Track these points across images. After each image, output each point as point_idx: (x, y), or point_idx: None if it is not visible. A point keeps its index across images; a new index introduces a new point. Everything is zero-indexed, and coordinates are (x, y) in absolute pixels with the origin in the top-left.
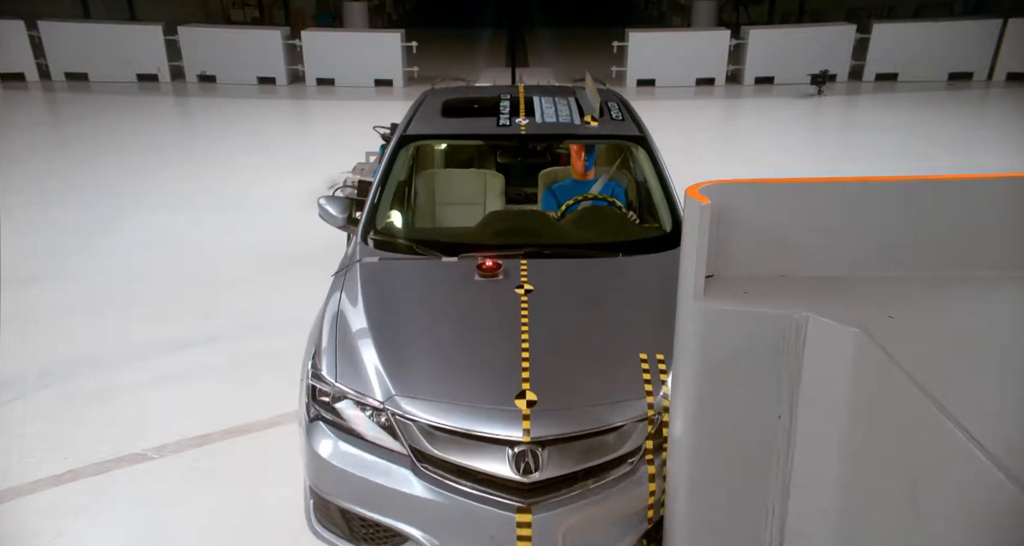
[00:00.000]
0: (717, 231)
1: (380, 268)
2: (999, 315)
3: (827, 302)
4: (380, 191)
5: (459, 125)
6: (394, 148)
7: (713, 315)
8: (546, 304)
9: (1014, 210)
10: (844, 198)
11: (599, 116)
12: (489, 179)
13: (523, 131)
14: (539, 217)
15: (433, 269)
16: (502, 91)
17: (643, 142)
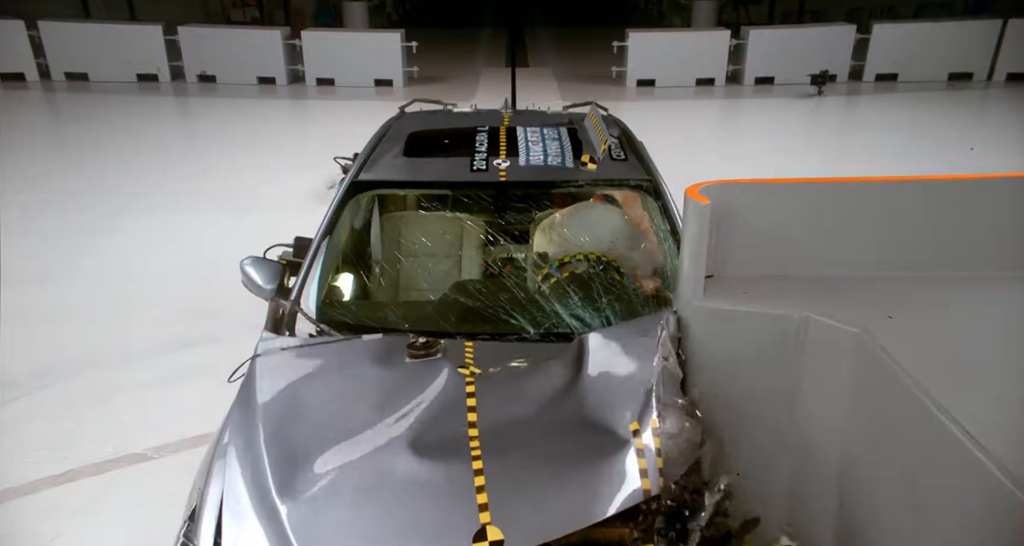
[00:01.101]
0: (717, 231)
1: (283, 363)
2: (999, 315)
3: (827, 302)
4: (316, 251)
5: (423, 168)
6: (342, 197)
7: (713, 315)
8: (500, 391)
9: (1014, 210)
10: (844, 198)
11: (599, 157)
12: (467, 225)
13: (503, 176)
14: (509, 290)
15: (352, 353)
16: (482, 119)
17: (653, 189)
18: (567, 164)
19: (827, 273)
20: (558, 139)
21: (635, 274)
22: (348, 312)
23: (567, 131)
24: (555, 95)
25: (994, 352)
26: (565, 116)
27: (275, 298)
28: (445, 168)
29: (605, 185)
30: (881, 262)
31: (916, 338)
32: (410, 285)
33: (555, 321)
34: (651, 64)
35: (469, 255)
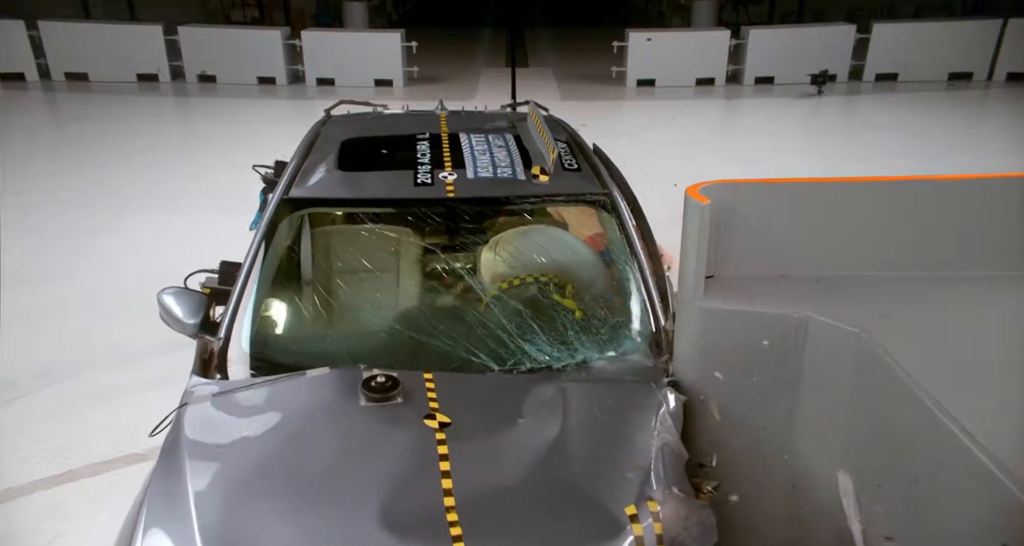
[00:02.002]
0: (717, 231)
1: (216, 412)
2: (999, 315)
3: (827, 302)
4: (247, 278)
5: (361, 183)
6: (272, 216)
7: (713, 315)
8: (475, 453)
9: (1014, 210)
10: (844, 198)
11: (550, 167)
12: (403, 239)
13: (450, 191)
14: (458, 314)
15: (297, 395)
16: (417, 123)
17: (610, 203)
18: (518, 176)
19: (827, 273)
20: (504, 147)
21: (590, 295)
22: (287, 347)
23: (513, 138)
24: (555, 95)
25: (994, 352)
26: (504, 116)
27: (201, 335)
28: (386, 183)
29: (559, 200)
30: (881, 262)
31: (916, 338)
32: (351, 311)
33: (514, 352)
34: (651, 64)
35: (410, 274)
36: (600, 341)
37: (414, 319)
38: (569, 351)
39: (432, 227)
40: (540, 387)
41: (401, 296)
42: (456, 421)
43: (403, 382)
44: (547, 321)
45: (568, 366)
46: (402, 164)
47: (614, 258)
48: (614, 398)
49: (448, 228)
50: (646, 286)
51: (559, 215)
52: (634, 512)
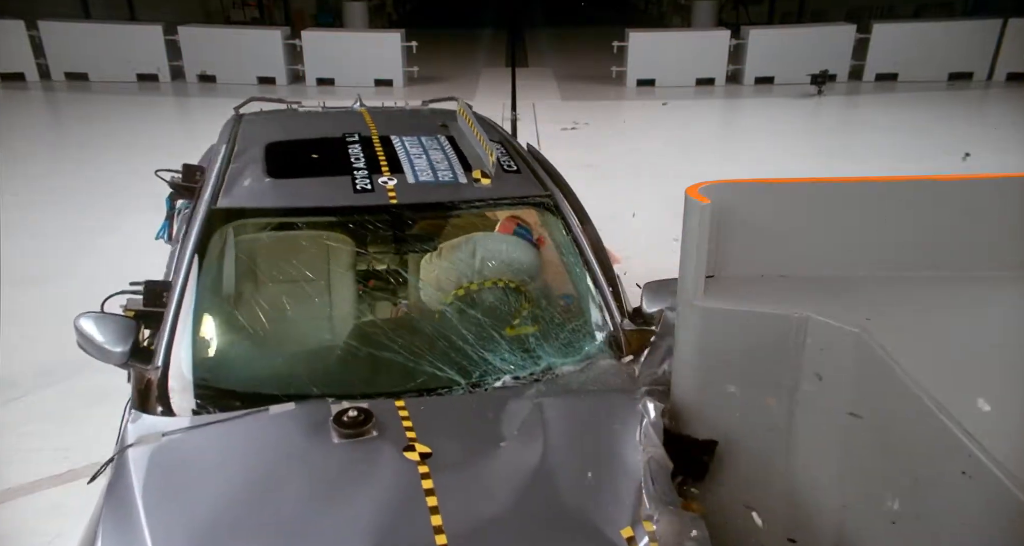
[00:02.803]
0: (717, 231)
1: (169, 453)
2: (999, 315)
3: (827, 302)
4: (181, 298)
5: (296, 191)
6: (202, 229)
7: (713, 315)
8: (462, 484)
9: (1014, 210)
10: (844, 198)
11: (491, 170)
12: (346, 248)
13: (392, 198)
14: (416, 326)
15: (261, 433)
16: (340, 122)
17: (554, 204)
18: (460, 180)
19: (827, 273)
20: (440, 149)
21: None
22: (233, 373)
23: (447, 139)
24: (555, 95)
25: (994, 352)
26: (431, 115)
27: (133, 364)
28: (323, 190)
29: (505, 203)
30: (881, 262)
31: (916, 338)
32: (299, 328)
33: (478, 363)
34: (651, 64)
35: (338, 280)
36: (563, 346)
37: (370, 334)
38: (533, 359)
39: (376, 235)
40: (516, 404)
41: (351, 310)
42: (436, 450)
43: (376, 413)
44: (511, 329)
45: (537, 375)
46: (335, 169)
47: (564, 260)
48: (594, 411)
49: (394, 236)
50: (599, 287)
51: (496, 218)
52: (631, 534)
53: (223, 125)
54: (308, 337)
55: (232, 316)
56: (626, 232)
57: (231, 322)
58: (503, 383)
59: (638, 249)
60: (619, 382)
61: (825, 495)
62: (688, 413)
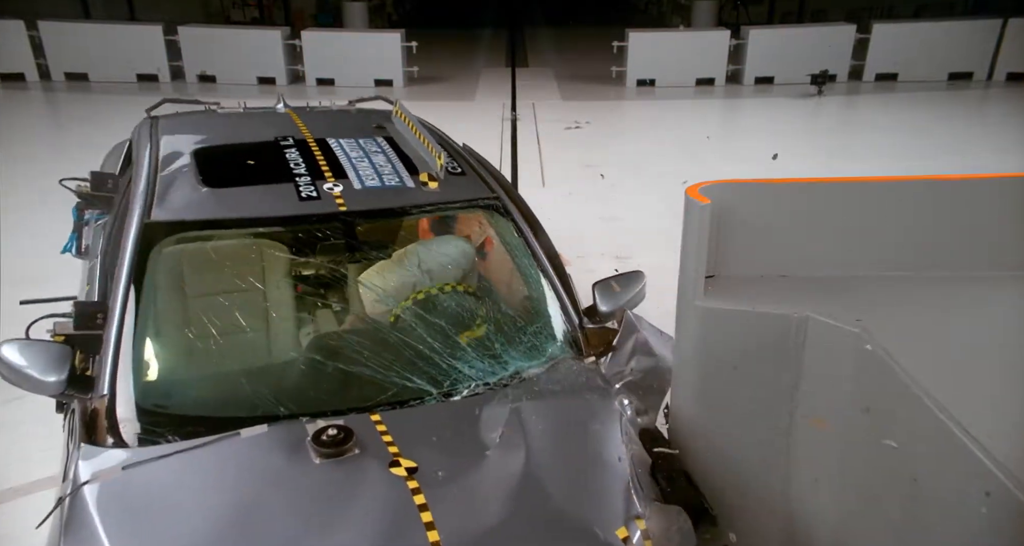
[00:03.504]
0: (717, 231)
1: (132, 488)
2: (999, 315)
3: (827, 302)
4: (121, 319)
5: (238, 201)
6: (137, 247)
7: (713, 315)
8: (454, 497)
9: (1014, 210)
10: (844, 198)
11: (439, 173)
12: (279, 255)
13: (342, 205)
14: (377, 336)
15: (235, 460)
16: (269, 125)
17: (502, 206)
18: (407, 184)
19: (827, 273)
20: (381, 152)
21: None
22: (186, 396)
23: (386, 141)
24: (555, 95)
25: (994, 352)
26: (366, 116)
27: (73, 393)
28: (266, 199)
29: (455, 207)
30: (881, 262)
31: (916, 338)
32: (252, 343)
33: (447, 371)
34: (651, 64)
35: (275, 290)
36: (527, 349)
37: (331, 347)
38: (500, 364)
39: (325, 244)
40: (493, 410)
41: (306, 323)
42: (422, 464)
43: (355, 430)
44: (471, 332)
45: (506, 379)
46: (276, 176)
47: (517, 262)
48: (572, 413)
49: (347, 244)
50: (554, 287)
51: (443, 222)
52: (626, 535)
53: (134, 129)
54: (265, 353)
55: (181, 335)
56: (626, 232)
57: (180, 342)
58: (474, 390)
59: (637, 249)
60: (593, 382)
61: (825, 495)
62: (688, 413)
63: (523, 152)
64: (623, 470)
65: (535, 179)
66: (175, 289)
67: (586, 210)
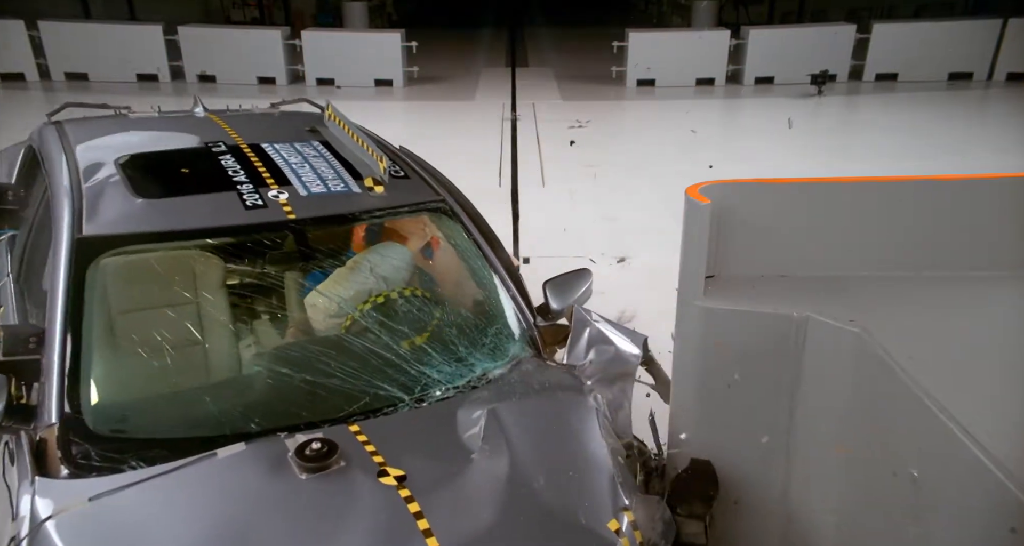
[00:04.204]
0: (717, 231)
1: (102, 522)
2: (999, 315)
3: (827, 302)
4: (63, 342)
5: (179, 212)
6: (71, 262)
7: (713, 315)
8: (449, 503)
9: (1014, 210)
10: (844, 198)
11: (383, 177)
12: (200, 263)
13: (290, 213)
14: (340, 345)
15: (216, 482)
16: (195, 130)
17: (449, 208)
18: (353, 190)
19: (827, 273)
20: (320, 156)
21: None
22: (143, 418)
23: (322, 145)
24: (555, 95)
25: (994, 352)
26: (294, 118)
27: (12, 424)
28: (209, 209)
29: (404, 211)
30: (881, 262)
31: (916, 338)
32: (207, 358)
33: (416, 377)
34: (651, 64)
35: (208, 302)
36: (490, 350)
37: (291, 358)
38: (466, 365)
39: (277, 253)
40: (471, 413)
41: (261, 333)
42: (410, 472)
43: (342, 449)
44: (432, 336)
45: (474, 381)
46: (215, 184)
47: (470, 263)
48: (549, 411)
49: (300, 252)
50: (508, 288)
51: (389, 226)
52: (617, 527)
53: (32, 135)
54: (225, 368)
55: (132, 355)
56: (626, 232)
57: (132, 362)
58: (445, 393)
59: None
60: (564, 379)
61: (824, 494)
62: (689, 412)
63: (523, 152)
64: (606, 464)
65: (535, 179)
66: (118, 306)
67: (586, 210)
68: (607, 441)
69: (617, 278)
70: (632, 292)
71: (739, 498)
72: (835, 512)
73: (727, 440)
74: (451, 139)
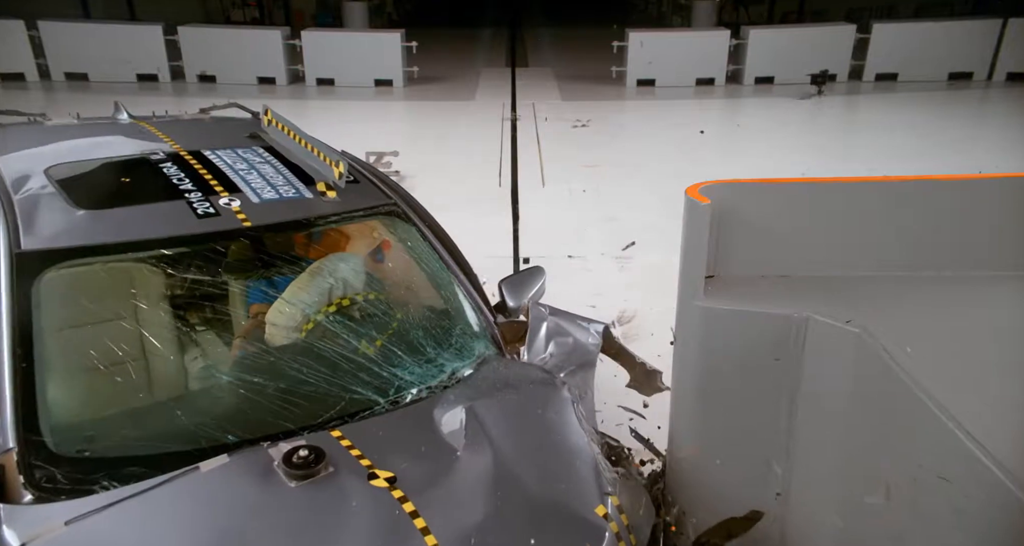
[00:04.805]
0: (717, 231)
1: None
2: (999, 315)
3: (827, 302)
4: (15, 365)
5: (127, 224)
6: (12, 280)
7: (713, 315)
8: (441, 500)
9: (1014, 210)
10: (844, 198)
11: (336, 182)
12: (151, 274)
13: (244, 220)
14: (309, 351)
15: (202, 497)
16: (125, 137)
17: (402, 212)
18: (305, 195)
19: (827, 273)
20: (267, 163)
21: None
22: (117, 437)
23: (267, 151)
24: (555, 95)
25: (994, 352)
26: (229, 124)
27: None
28: (159, 219)
29: (359, 215)
30: (881, 262)
31: (916, 338)
32: (168, 370)
33: (389, 379)
34: (651, 64)
35: (148, 317)
36: (457, 349)
37: (259, 366)
38: (436, 366)
39: (234, 262)
40: (449, 411)
41: (224, 343)
42: (399, 472)
43: (329, 455)
44: (397, 338)
45: (444, 381)
46: (161, 193)
47: (427, 265)
48: (528, 404)
49: (260, 260)
50: (466, 288)
51: (340, 231)
52: (605, 512)
53: None
54: (192, 379)
55: (90, 371)
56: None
57: (92, 379)
58: (419, 394)
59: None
60: (534, 373)
61: (824, 494)
62: (688, 412)
63: (523, 152)
64: (588, 452)
65: (535, 179)
66: (70, 322)
67: (586, 210)
68: (585, 429)
69: (617, 278)
70: (632, 292)
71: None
72: (835, 512)
73: (727, 440)
74: (451, 139)
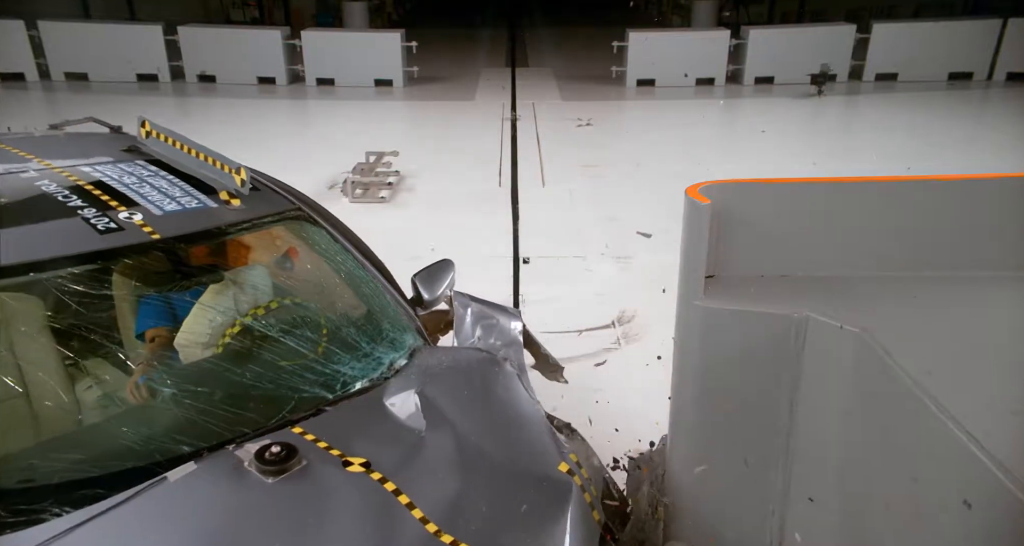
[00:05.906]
0: (717, 231)
1: None
2: (999, 315)
3: (827, 302)
4: None
5: (23, 243)
6: None
7: (713, 315)
8: (419, 474)
9: (1014, 210)
10: (844, 198)
11: (239, 189)
12: (19, 306)
13: (154, 234)
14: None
15: (174, 508)
16: None
17: (308, 216)
18: (209, 204)
19: (827, 273)
20: (157, 175)
21: None
22: (62, 462)
23: (153, 164)
24: (555, 95)
25: (994, 352)
26: (99, 138)
27: None
28: (58, 237)
29: (267, 221)
30: (881, 262)
31: (916, 338)
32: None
33: (334, 376)
34: (651, 64)
35: (27, 345)
36: (390, 342)
37: (200, 373)
38: (374, 359)
39: (151, 275)
40: (400, 397)
41: (22, 350)
42: (371, 458)
43: (292, 442)
44: (331, 338)
45: (385, 372)
46: (50, 213)
47: (341, 266)
48: (474, 380)
49: (183, 273)
50: (383, 284)
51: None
52: (567, 468)
53: None
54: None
55: (16, 398)
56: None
57: (12, 407)
58: (364, 386)
59: (637, 248)
60: (475, 354)
61: (824, 494)
62: (688, 412)
63: (523, 152)
64: (540, 417)
65: (535, 179)
66: None
67: (586, 209)
68: (533, 399)
69: (617, 278)
70: (632, 292)
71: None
72: (835, 512)
73: (727, 440)
74: (451, 139)
